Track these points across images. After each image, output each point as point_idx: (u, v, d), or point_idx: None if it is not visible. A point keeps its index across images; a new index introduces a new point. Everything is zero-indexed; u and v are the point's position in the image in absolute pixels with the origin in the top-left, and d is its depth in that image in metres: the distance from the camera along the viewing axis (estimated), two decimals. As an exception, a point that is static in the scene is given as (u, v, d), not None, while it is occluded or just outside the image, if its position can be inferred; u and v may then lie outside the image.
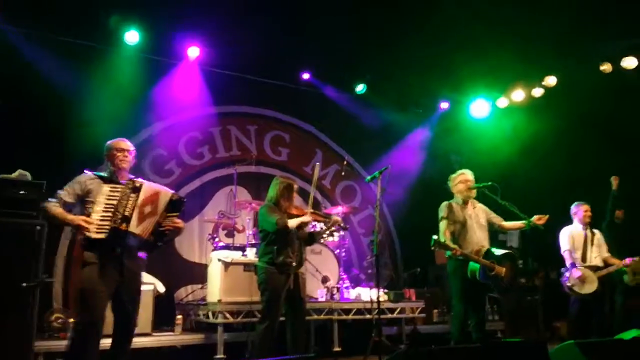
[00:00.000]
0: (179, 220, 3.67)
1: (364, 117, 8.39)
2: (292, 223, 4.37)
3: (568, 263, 5.66)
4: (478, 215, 4.82)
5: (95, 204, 3.44)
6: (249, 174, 7.47)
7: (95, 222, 3.39)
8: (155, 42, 6.75)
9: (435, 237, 4.39)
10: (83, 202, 3.53)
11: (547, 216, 4.79)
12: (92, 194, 3.51)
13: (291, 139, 8.18)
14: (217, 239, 6.35)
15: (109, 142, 3.75)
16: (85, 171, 3.66)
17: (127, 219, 3.44)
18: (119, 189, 3.52)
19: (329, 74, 7.96)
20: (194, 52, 6.94)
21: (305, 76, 7.91)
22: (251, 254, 5.68)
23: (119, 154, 3.67)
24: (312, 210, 4.63)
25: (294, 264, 4.42)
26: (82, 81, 6.19)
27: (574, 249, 5.69)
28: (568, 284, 5.56)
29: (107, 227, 3.40)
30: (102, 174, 3.65)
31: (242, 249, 5.91)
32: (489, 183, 4.84)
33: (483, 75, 8.00)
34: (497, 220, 4.94)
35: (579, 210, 5.83)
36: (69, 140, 5.86)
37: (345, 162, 7.40)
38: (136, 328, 3.84)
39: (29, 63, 5.93)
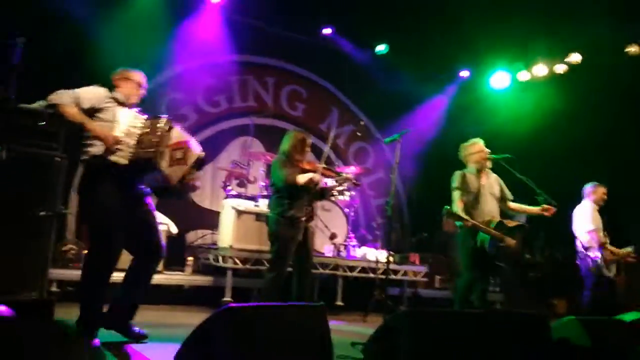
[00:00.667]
0: (198, 181, 3.64)
1: (383, 79, 8.28)
2: (301, 179, 4.35)
3: (596, 243, 5.38)
4: (492, 186, 4.81)
5: (115, 124, 3.24)
6: (265, 127, 7.47)
7: (124, 145, 3.22)
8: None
9: (447, 207, 4.40)
10: (91, 117, 3.27)
11: (554, 209, 4.76)
12: (104, 112, 3.28)
13: (308, 95, 8.12)
14: (229, 187, 6.41)
15: (125, 69, 3.55)
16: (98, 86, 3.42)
17: (159, 155, 3.26)
18: (143, 118, 3.37)
19: (351, 31, 7.82)
20: (216, -4, 6.81)
21: (327, 31, 7.76)
22: (263, 205, 5.74)
23: (134, 85, 3.51)
24: (324, 166, 4.62)
25: (304, 218, 4.46)
26: (102, 16, 6.11)
27: (598, 228, 5.45)
28: (599, 264, 5.32)
29: (129, 153, 3.23)
30: (118, 95, 3.43)
31: (253, 199, 5.97)
32: (507, 155, 4.81)
33: (505, 47, 7.86)
34: (508, 196, 4.89)
35: (597, 191, 5.62)
36: (88, 76, 5.81)
37: (361, 123, 7.40)
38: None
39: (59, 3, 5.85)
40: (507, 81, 8.75)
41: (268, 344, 2.49)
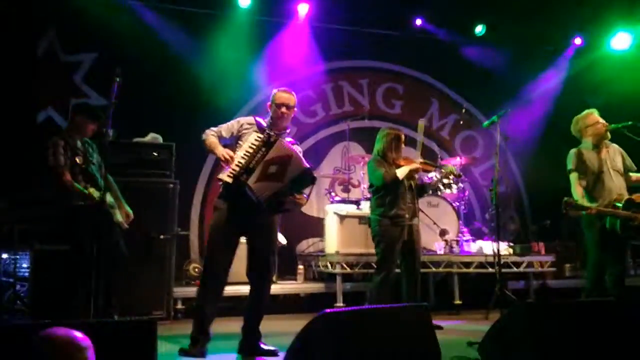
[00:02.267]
0: (302, 196, 3.47)
1: (485, 61, 7.80)
2: (400, 173, 4.32)
3: None
4: (614, 159, 4.26)
5: (239, 149, 3.40)
6: (363, 129, 7.39)
7: (233, 164, 3.34)
8: (266, 3, 6.87)
9: (565, 199, 3.97)
10: (235, 144, 3.49)
11: None
12: (243, 138, 3.46)
13: (405, 90, 7.93)
14: (333, 194, 6.47)
15: (276, 90, 3.62)
16: (252, 116, 3.63)
17: (250, 171, 3.29)
18: (260, 139, 3.38)
19: (443, 17, 7.50)
20: (303, 8, 6.94)
21: (418, 22, 7.54)
22: (366, 207, 5.69)
23: (278, 108, 3.52)
24: (422, 160, 4.55)
25: (407, 215, 4.39)
26: (200, 47, 6.53)
27: None
28: None
29: (236, 172, 3.31)
30: (261, 121, 3.56)
31: (357, 202, 5.96)
32: (629, 123, 4.24)
33: (623, 3, 6.99)
34: (631, 167, 4.32)
35: None
36: (192, 104, 6.27)
37: (464, 110, 7.04)
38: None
39: (154, 32, 6.35)
40: (628, 43, 7.80)
41: (367, 348, 2.43)
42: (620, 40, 7.83)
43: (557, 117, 7.90)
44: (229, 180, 3.31)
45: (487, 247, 5.87)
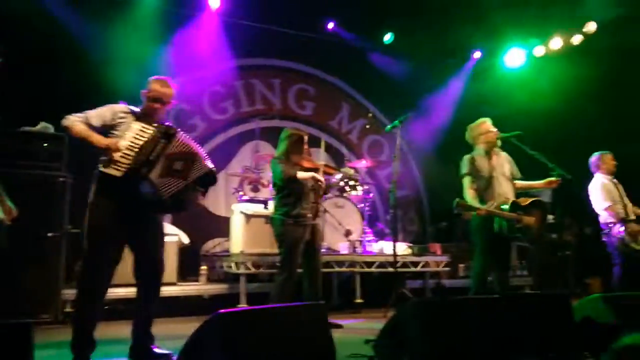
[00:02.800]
0: (202, 197, 3.39)
1: (392, 68, 8.13)
2: (300, 175, 4.36)
3: (614, 218, 5.10)
4: (503, 166, 4.61)
5: (122, 139, 3.13)
6: (273, 129, 7.36)
7: (118, 154, 3.09)
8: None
9: (457, 200, 4.22)
10: (106, 134, 3.20)
11: (559, 180, 4.55)
12: (119, 127, 3.19)
13: (316, 92, 8.04)
14: (241, 193, 6.38)
15: (153, 79, 3.35)
16: (121, 102, 3.35)
17: (150, 164, 3.11)
18: (150, 130, 3.18)
19: (354, 23, 7.70)
20: (214, 2, 6.79)
21: (330, 25, 7.67)
22: (272, 207, 5.68)
23: (150, 102, 3.30)
24: (324, 164, 4.65)
25: (309, 215, 4.43)
26: (102, 35, 6.15)
27: (613, 202, 5.16)
28: (624, 241, 5.01)
29: (125, 165, 3.09)
30: (137, 110, 3.33)
31: (264, 202, 5.93)
32: (517, 132, 4.60)
33: (518, 23, 7.59)
34: (516, 174, 4.67)
35: (605, 160, 5.32)
36: (89, 94, 5.88)
37: (370, 115, 7.27)
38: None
39: (51, 14, 5.90)
40: (523, 59, 8.46)
41: (262, 348, 2.41)
42: (514, 57, 8.46)
43: (456, 125, 8.40)
44: (118, 173, 3.09)
45: (389, 247, 6.09)
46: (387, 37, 8.00)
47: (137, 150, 3.13)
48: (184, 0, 6.78)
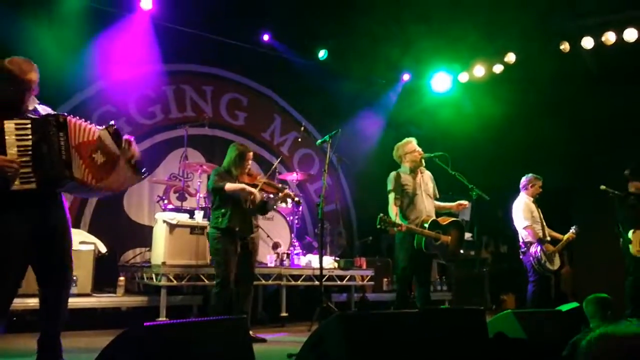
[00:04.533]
0: (127, 141, 3.09)
1: (325, 84, 8.22)
2: (229, 187, 4.35)
3: (532, 238, 5.37)
4: (427, 184, 4.80)
5: (6, 147, 2.74)
6: (203, 137, 7.24)
7: (14, 166, 2.73)
8: (106, -8, 6.38)
9: (381, 215, 4.34)
10: None
11: (468, 204, 4.87)
12: None
13: (249, 103, 7.97)
14: (166, 202, 6.18)
15: (12, 64, 2.89)
16: None
17: (67, 164, 2.86)
18: (28, 126, 2.82)
19: (290, 37, 7.75)
20: (146, 3, 6.59)
21: (265, 37, 7.66)
22: (199, 217, 5.54)
23: (22, 85, 2.88)
24: (265, 181, 4.66)
25: (237, 229, 4.43)
26: (24, 31, 5.77)
27: (534, 222, 5.44)
28: (541, 260, 5.25)
29: (30, 174, 2.78)
30: None
31: (191, 212, 5.76)
32: (440, 153, 4.81)
33: (445, 49, 7.97)
34: (435, 194, 4.90)
35: (532, 183, 5.59)
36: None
37: (302, 129, 7.31)
38: (74, 288, 3.51)
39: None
40: (448, 83, 8.86)
41: (179, 363, 2.32)
42: (440, 81, 8.85)
43: (384, 143, 8.64)
44: (32, 185, 2.78)
45: (315, 260, 6.10)
46: (322, 54, 8.12)
47: (29, 154, 2.79)
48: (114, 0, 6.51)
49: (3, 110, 2.85)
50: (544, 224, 5.59)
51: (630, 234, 5.84)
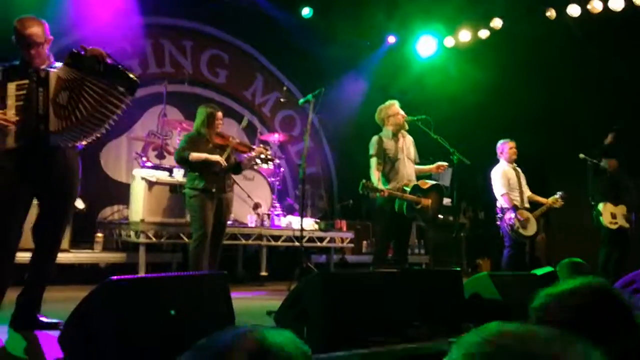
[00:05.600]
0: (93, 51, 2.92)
1: (309, 45, 8.05)
2: (193, 157, 4.42)
3: (508, 205, 5.39)
4: (409, 149, 4.80)
5: (7, 109, 2.85)
6: (183, 94, 7.07)
7: (9, 123, 2.83)
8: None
9: (363, 181, 4.33)
10: None
11: (446, 164, 4.89)
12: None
13: (231, 60, 7.78)
14: (145, 159, 6.05)
15: (16, 22, 2.94)
16: None
17: (42, 119, 2.87)
18: (26, 85, 2.89)
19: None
20: (124, -49, 6.30)
21: (249, -8, 7.43)
22: (178, 175, 5.47)
23: (23, 48, 2.91)
24: (237, 141, 4.77)
25: (213, 190, 4.49)
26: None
27: (511, 190, 5.48)
28: (514, 227, 5.28)
29: (15, 132, 2.86)
30: (12, 64, 2.96)
31: (170, 170, 5.68)
32: (423, 116, 4.79)
33: (431, 12, 7.84)
34: (415, 158, 4.90)
35: (505, 147, 5.60)
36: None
37: (285, 89, 7.19)
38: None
39: None
40: (434, 48, 8.75)
41: (156, 316, 2.31)
42: (426, 45, 8.74)
43: (368, 105, 8.58)
44: (14, 145, 2.84)
45: (296, 222, 6.12)
46: (306, 12, 7.91)
47: (23, 112, 2.86)
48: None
49: (16, 70, 2.92)
50: (524, 189, 5.62)
51: (600, 206, 6.01)
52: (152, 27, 7.00)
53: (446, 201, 7.05)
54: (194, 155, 4.42)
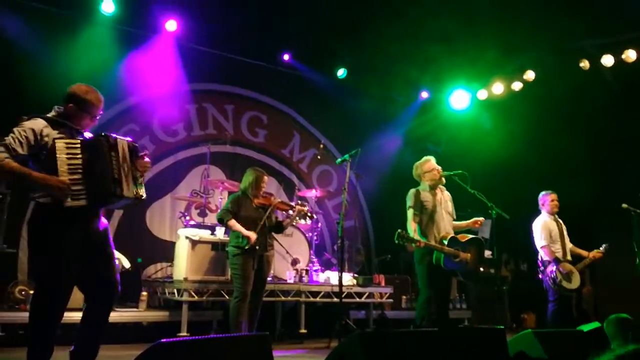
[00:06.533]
0: (146, 161, 3.23)
1: (344, 102, 8.33)
2: (231, 224, 4.70)
3: (549, 257, 5.32)
4: (447, 202, 4.82)
5: (58, 163, 2.89)
6: (225, 154, 7.39)
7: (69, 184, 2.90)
8: (132, 14, 6.62)
9: (399, 231, 4.37)
10: (36, 160, 2.92)
11: (483, 219, 4.92)
12: (47, 149, 2.91)
13: (269, 121, 8.10)
14: (188, 218, 6.28)
15: (81, 87, 3.13)
16: (37, 116, 3.01)
17: (118, 183, 3.01)
18: (77, 145, 2.97)
19: (310, 56, 7.89)
20: (171, 25, 6.80)
21: (286, 57, 7.82)
22: (220, 233, 5.63)
23: (90, 113, 3.11)
24: (279, 200, 4.99)
25: (257, 247, 4.65)
26: (54, 50, 6.00)
27: (552, 242, 5.40)
28: (556, 280, 5.19)
29: (81, 191, 2.93)
30: (51, 117, 3.03)
31: (212, 228, 5.86)
32: (459, 171, 4.83)
33: (463, 67, 8.01)
34: (452, 214, 4.90)
35: (547, 199, 5.56)
36: (36, 110, 5.69)
37: (322, 146, 7.39)
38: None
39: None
40: (467, 101, 8.87)
41: (203, 378, 2.37)
42: (459, 99, 8.86)
43: (403, 159, 8.67)
44: (83, 202, 2.94)
45: (334, 277, 6.14)
46: (341, 72, 8.23)
47: (80, 172, 2.95)
48: (140, 21, 6.74)
49: (58, 124, 3.02)
50: (566, 241, 5.53)
51: None
52: (196, 93, 7.43)
53: (487, 254, 6.95)
54: (231, 224, 4.69)
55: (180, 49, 7.06)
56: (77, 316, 3.32)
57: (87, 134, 3.21)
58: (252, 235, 4.61)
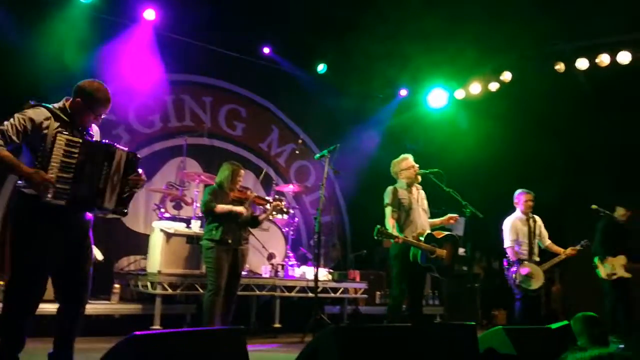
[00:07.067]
0: (140, 177, 3.16)
1: (323, 98, 8.33)
2: (219, 209, 4.64)
3: (512, 258, 5.39)
4: (423, 200, 4.90)
5: (52, 157, 2.83)
6: (202, 146, 7.31)
7: (53, 183, 2.83)
8: (110, 1, 6.48)
9: (378, 226, 4.42)
10: (32, 149, 2.88)
11: (457, 216, 5.00)
12: (46, 140, 2.85)
13: (247, 114, 8.04)
14: (162, 210, 6.20)
15: (93, 84, 3.09)
16: (32, 103, 2.94)
17: (101, 193, 2.97)
18: (78, 145, 2.92)
19: (290, 50, 7.85)
20: (150, 14, 6.69)
21: (266, 50, 7.77)
22: (196, 227, 5.59)
23: (94, 110, 3.04)
24: (255, 195, 5.01)
25: (230, 241, 4.66)
26: (28, 37, 5.84)
27: (519, 242, 5.45)
28: (516, 281, 5.28)
29: (66, 191, 2.87)
30: (56, 110, 2.95)
31: (187, 221, 5.80)
32: (435, 169, 4.90)
33: (442, 66, 8.09)
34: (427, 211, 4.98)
35: (522, 199, 5.58)
36: (9, 98, 5.53)
37: (300, 141, 7.39)
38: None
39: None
40: (445, 100, 8.96)
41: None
42: (437, 97, 8.95)
43: (380, 156, 8.73)
44: (62, 202, 2.87)
45: (310, 272, 6.16)
46: (321, 68, 8.23)
47: (72, 172, 2.89)
48: (118, 9, 6.60)
49: (60, 118, 2.95)
50: (534, 241, 5.53)
51: (596, 259, 6.18)
52: (174, 84, 7.32)
53: (460, 251, 7.06)
54: (220, 207, 4.63)
55: (158, 38, 6.93)
56: (49, 308, 3.28)
57: (95, 128, 3.19)
58: (244, 210, 4.66)
